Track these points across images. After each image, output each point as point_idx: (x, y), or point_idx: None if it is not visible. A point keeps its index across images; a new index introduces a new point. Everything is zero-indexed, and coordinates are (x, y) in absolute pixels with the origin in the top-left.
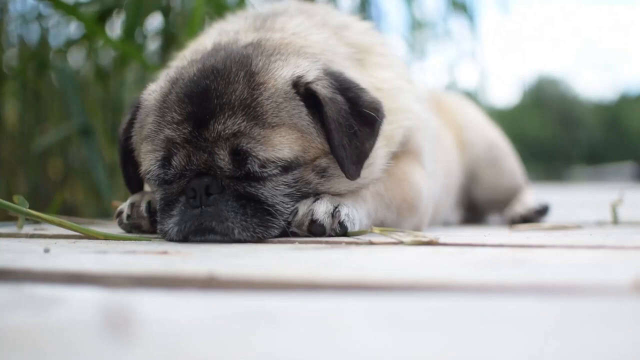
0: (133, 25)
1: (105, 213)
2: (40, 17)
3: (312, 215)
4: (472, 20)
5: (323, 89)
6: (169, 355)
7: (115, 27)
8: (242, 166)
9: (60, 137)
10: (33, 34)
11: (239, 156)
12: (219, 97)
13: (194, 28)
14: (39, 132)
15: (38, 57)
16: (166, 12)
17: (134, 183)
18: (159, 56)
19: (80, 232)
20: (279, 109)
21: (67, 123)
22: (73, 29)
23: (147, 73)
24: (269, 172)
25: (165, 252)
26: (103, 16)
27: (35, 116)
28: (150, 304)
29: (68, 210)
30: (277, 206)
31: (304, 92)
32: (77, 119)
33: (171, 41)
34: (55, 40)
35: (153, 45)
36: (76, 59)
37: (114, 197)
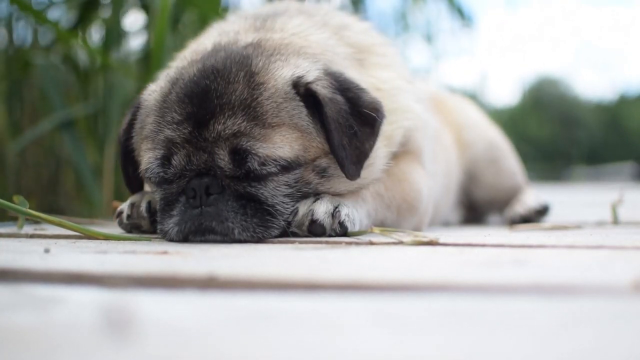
0: (113, 32)
1: (93, 211)
2: (20, 17)
3: (312, 215)
4: (466, 15)
5: (323, 89)
6: (169, 355)
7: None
8: (242, 165)
9: (38, 134)
10: (17, 34)
11: (239, 155)
12: (219, 97)
13: (161, 26)
14: (23, 130)
15: (21, 56)
16: (147, 9)
17: (134, 183)
18: (141, 59)
19: (81, 232)
20: (279, 109)
21: (47, 118)
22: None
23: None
24: (269, 170)
25: (165, 252)
26: (81, 18)
27: (20, 116)
28: (150, 304)
29: (61, 210)
30: (277, 206)
31: (304, 92)
32: (59, 114)
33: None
34: (43, 38)
35: (135, 42)
36: (57, 59)
37: (101, 195)
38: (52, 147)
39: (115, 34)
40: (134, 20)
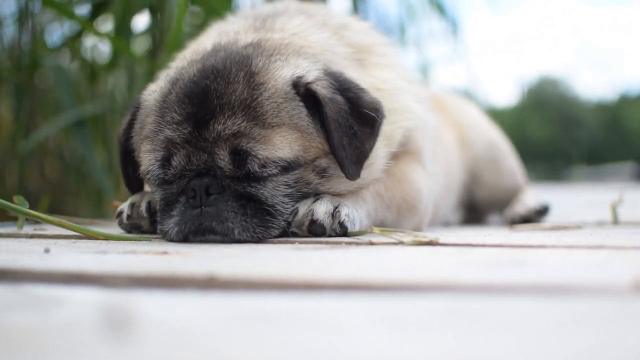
0: (123, 22)
1: (101, 213)
2: (31, 16)
3: (312, 215)
4: (451, 19)
5: (323, 89)
6: (169, 355)
7: (104, 27)
8: (242, 166)
9: (51, 132)
10: (24, 34)
11: (239, 156)
12: (219, 98)
13: (178, 26)
14: (31, 130)
15: (30, 56)
16: (154, 11)
17: (134, 183)
18: (148, 56)
19: (81, 232)
20: (279, 109)
21: (57, 118)
22: (65, 28)
23: (135, 75)
24: (269, 172)
25: (165, 252)
26: (94, 13)
27: (28, 115)
28: (150, 304)
29: (62, 211)
30: (277, 206)
31: (304, 92)
32: (70, 113)
33: (160, 41)
34: (49, 38)
35: (141, 44)
36: (65, 59)
37: (113, 191)
38: (57, 148)
39: (126, 29)
40: (139, 21)
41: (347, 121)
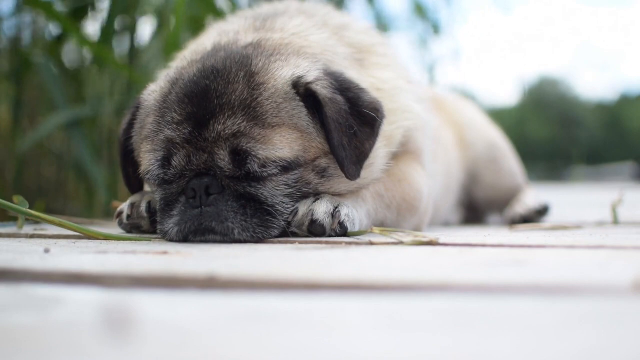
0: (110, 27)
1: (97, 210)
2: (19, 14)
3: (312, 215)
4: (437, 23)
5: (323, 89)
6: (169, 355)
7: (91, 25)
8: (242, 166)
9: (46, 131)
10: (14, 32)
11: (239, 156)
12: (219, 98)
13: (177, 27)
14: (28, 130)
15: (20, 55)
16: (128, 11)
17: (134, 183)
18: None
19: (81, 233)
20: (279, 109)
21: (51, 117)
22: (52, 27)
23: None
24: (269, 172)
25: (165, 252)
26: (78, 12)
27: (26, 114)
28: (150, 304)
29: (62, 211)
30: (277, 206)
31: (304, 92)
32: (63, 112)
33: (134, 55)
34: (37, 36)
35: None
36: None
37: (104, 187)
38: (56, 148)
39: (110, 31)
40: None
41: (347, 121)
